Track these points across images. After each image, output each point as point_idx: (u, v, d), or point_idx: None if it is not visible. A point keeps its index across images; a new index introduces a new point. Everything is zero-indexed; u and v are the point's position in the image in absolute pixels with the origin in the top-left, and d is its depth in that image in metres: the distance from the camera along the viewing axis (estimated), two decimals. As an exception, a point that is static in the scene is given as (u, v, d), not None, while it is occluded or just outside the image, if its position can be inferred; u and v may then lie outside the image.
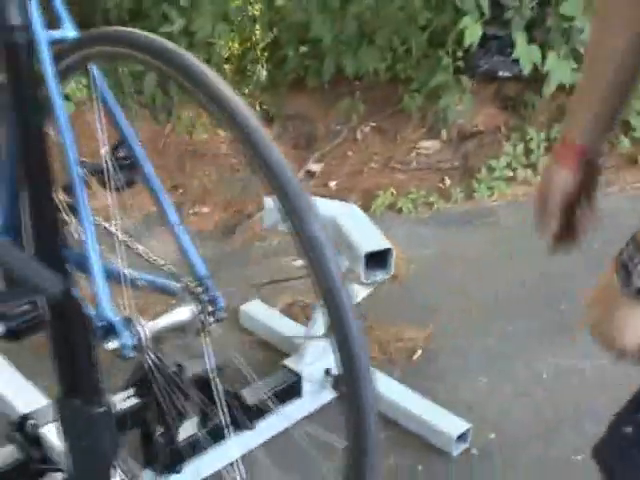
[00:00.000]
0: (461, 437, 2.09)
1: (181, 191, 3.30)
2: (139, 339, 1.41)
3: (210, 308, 1.45)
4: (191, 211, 3.22)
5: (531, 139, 3.55)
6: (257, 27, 3.57)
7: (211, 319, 1.46)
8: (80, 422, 1.42)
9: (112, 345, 1.40)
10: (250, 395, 1.94)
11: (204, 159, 3.47)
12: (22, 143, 1.31)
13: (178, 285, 1.47)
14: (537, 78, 3.64)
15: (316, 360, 2.18)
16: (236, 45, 3.59)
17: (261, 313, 2.56)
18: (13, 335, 2.16)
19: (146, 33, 1.36)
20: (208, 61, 3.48)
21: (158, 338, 1.45)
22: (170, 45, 1.31)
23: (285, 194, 1.17)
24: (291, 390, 2.16)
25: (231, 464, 1.66)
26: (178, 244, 1.47)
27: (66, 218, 1.48)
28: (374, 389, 1.22)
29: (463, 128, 3.66)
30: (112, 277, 1.44)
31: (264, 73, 3.62)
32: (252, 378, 1.64)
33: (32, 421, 1.89)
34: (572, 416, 2.16)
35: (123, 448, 1.52)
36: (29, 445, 1.88)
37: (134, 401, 1.68)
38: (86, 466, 1.47)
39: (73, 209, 1.46)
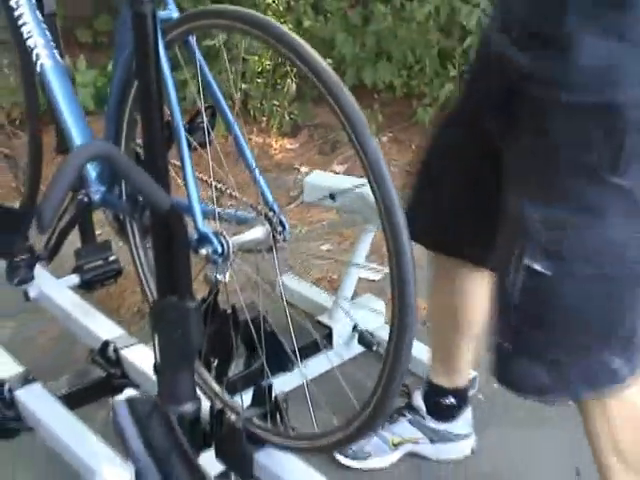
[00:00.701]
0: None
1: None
2: (226, 248, 1.76)
3: (279, 228, 1.80)
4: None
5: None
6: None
7: (280, 237, 1.81)
8: (175, 316, 1.74)
9: (204, 252, 1.76)
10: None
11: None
12: (141, 80, 1.67)
13: (253, 213, 1.82)
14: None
15: (344, 317, 2.52)
16: (268, 61, 3.95)
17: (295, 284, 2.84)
18: (86, 286, 2.53)
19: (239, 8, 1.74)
20: (243, 74, 3.87)
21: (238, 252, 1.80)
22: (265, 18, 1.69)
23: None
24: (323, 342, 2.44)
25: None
26: (252, 177, 1.82)
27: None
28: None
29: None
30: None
31: (293, 87, 3.98)
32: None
33: (113, 345, 2.24)
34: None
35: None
36: (110, 366, 2.22)
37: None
38: (175, 357, 1.79)
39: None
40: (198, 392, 1.82)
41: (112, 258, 2.56)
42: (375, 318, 2.62)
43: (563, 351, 1.58)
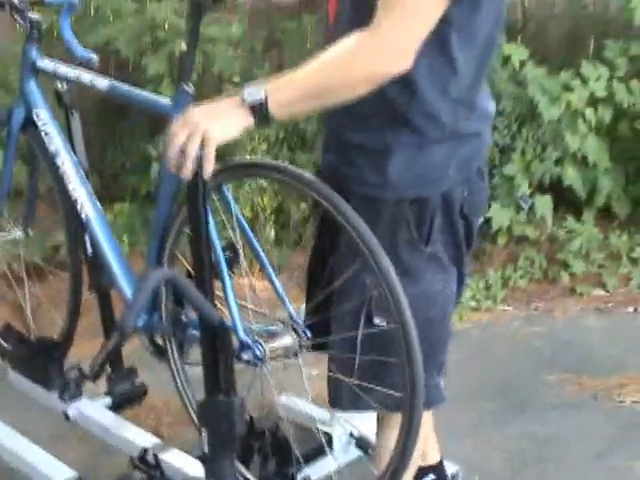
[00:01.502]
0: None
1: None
2: (263, 353, 2.17)
3: (304, 337, 2.22)
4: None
5: (489, 278, 4.40)
6: (265, 196, 4.44)
7: (304, 344, 2.23)
8: (222, 410, 2.11)
9: (245, 357, 2.17)
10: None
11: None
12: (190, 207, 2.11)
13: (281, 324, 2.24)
14: (491, 232, 4.55)
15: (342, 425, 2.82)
16: (247, 211, 4.41)
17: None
18: (116, 407, 2.91)
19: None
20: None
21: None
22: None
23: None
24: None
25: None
26: (280, 298, 2.24)
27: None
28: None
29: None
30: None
31: (272, 233, 4.44)
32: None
33: (151, 451, 2.59)
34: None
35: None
36: (151, 469, 2.57)
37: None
38: (221, 446, 2.15)
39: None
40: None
41: (138, 382, 2.92)
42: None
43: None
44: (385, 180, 2.03)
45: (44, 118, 2.70)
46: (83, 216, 2.57)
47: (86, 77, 2.52)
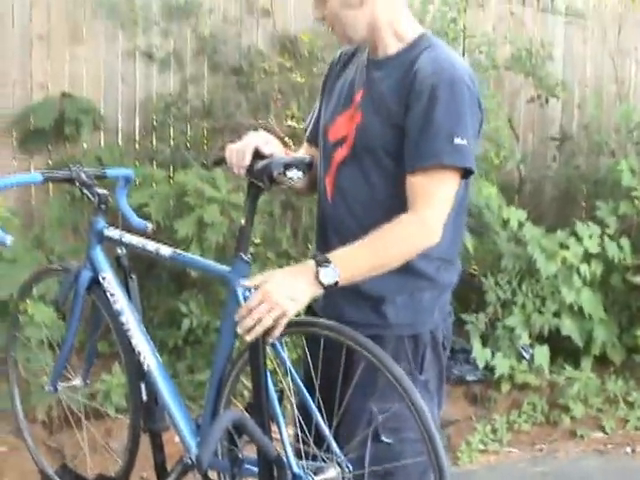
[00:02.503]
0: None
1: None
2: (311, 483, 2.49)
3: (346, 470, 2.53)
4: None
5: (495, 422, 4.72)
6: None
7: (347, 476, 2.53)
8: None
9: (298, 485, 2.48)
10: None
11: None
12: (252, 361, 2.46)
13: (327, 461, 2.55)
14: (494, 380, 4.89)
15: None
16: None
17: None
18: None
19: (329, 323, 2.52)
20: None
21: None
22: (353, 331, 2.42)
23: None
24: None
25: None
26: (324, 436, 2.56)
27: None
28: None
29: (443, 417, 4.78)
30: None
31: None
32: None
33: None
34: None
35: None
36: None
37: None
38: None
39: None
40: None
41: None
42: None
43: None
44: (386, 322, 2.48)
45: (109, 280, 3.06)
46: (145, 366, 2.91)
47: (151, 246, 2.88)
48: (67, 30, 5.53)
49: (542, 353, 4.95)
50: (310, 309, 2.67)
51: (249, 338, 2.35)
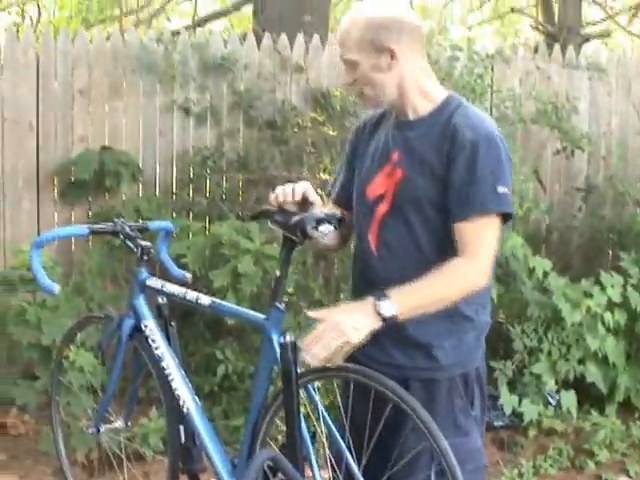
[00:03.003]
0: None
1: None
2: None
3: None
4: None
5: (522, 467, 4.82)
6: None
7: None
8: None
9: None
10: None
11: None
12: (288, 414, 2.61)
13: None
14: (522, 425, 5.01)
15: None
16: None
17: None
18: None
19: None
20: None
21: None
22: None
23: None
24: None
25: None
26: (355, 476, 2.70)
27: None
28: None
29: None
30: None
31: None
32: None
33: None
34: None
35: None
36: None
37: None
38: None
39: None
40: None
41: None
42: None
43: None
44: (438, 364, 2.66)
45: (151, 328, 3.24)
46: (184, 409, 3.07)
47: (191, 295, 3.05)
48: (107, 85, 5.77)
49: (569, 398, 5.05)
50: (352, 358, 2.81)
51: (315, 363, 2.52)
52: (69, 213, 5.77)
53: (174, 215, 5.75)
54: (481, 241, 2.55)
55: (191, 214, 5.84)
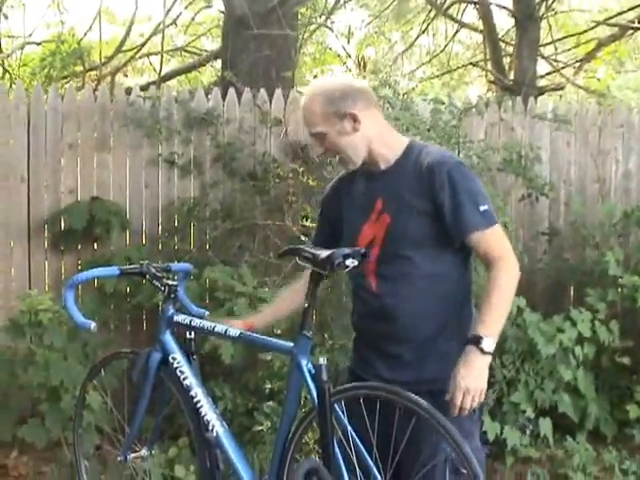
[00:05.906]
0: None
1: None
2: None
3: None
4: None
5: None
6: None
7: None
8: None
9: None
10: None
11: None
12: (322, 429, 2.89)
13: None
14: (500, 454, 5.32)
15: None
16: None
17: None
18: None
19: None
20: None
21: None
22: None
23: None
24: None
25: None
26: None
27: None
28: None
29: None
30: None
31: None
32: None
33: None
34: None
35: None
36: None
37: None
38: None
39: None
40: None
41: None
42: None
43: None
44: (445, 377, 2.91)
45: (179, 360, 3.48)
46: (214, 433, 3.32)
47: (220, 327, 3.33)
48: (95, 140, 6.03)
49: (546, 425, 5.39)
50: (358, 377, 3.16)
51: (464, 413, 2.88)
52: (59, 263, 5.98)
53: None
54: (496, 242, 2.97)
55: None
